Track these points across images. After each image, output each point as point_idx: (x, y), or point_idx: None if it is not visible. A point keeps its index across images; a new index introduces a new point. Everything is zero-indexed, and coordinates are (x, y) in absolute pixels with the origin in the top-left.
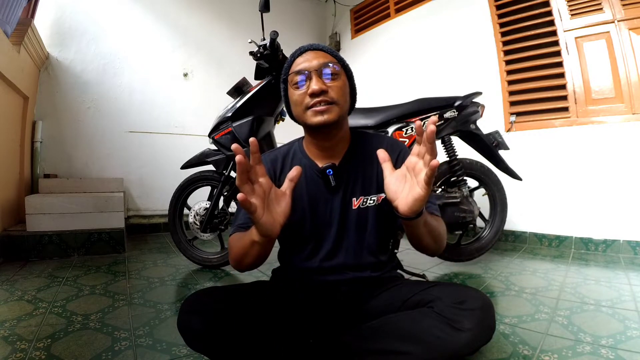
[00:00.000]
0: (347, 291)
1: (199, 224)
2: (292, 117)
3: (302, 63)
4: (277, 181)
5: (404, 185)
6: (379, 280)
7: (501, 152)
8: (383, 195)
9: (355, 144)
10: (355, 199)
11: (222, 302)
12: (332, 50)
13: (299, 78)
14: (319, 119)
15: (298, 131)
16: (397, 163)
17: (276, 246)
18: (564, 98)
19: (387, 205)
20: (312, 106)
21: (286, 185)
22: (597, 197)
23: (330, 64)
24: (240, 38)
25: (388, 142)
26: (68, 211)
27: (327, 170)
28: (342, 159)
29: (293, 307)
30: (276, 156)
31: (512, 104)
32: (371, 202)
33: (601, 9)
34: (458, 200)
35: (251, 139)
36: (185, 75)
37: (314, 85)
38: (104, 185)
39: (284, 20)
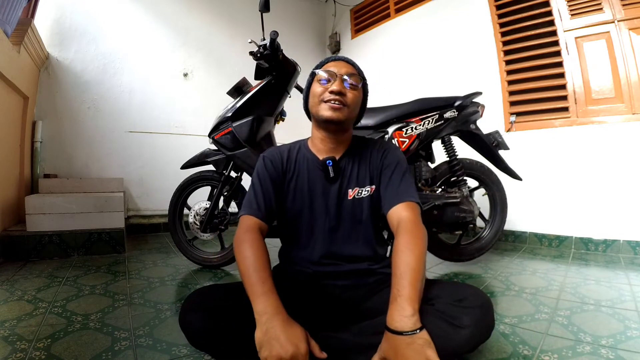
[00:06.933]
0: (347, 285)
1: (199, 224)
2: (306, 109)
3: (332, 67)
4: (284, 171)
5: None
6: (379, 274)
7: (501, 152)
8: (374, 186)
9: (354, 145)
10: (350, 190)
11: (223, 300)
12: (359, 69)
13: (325, 76)
14: (330, 113)
15: (299, 131)
16: (380, 160)
17: (277, 245)
18: (564, 98)
19: (378, 195)
20: (328, 100)
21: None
22: (597, 197)
23: (355, 76)
24: (240, 38)
25: (379, 144)
26: (68, 211)
27: (327, 162)
28: (341, 155)
29: (293, 304)
30: (283, 150)
31: (512, 104)
32: (365, 192)
33: (601, 9)
34: (458, 200)
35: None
36: (185, 75)
37: (336, 86)
38: (104, 185)
39: (284, 20)
